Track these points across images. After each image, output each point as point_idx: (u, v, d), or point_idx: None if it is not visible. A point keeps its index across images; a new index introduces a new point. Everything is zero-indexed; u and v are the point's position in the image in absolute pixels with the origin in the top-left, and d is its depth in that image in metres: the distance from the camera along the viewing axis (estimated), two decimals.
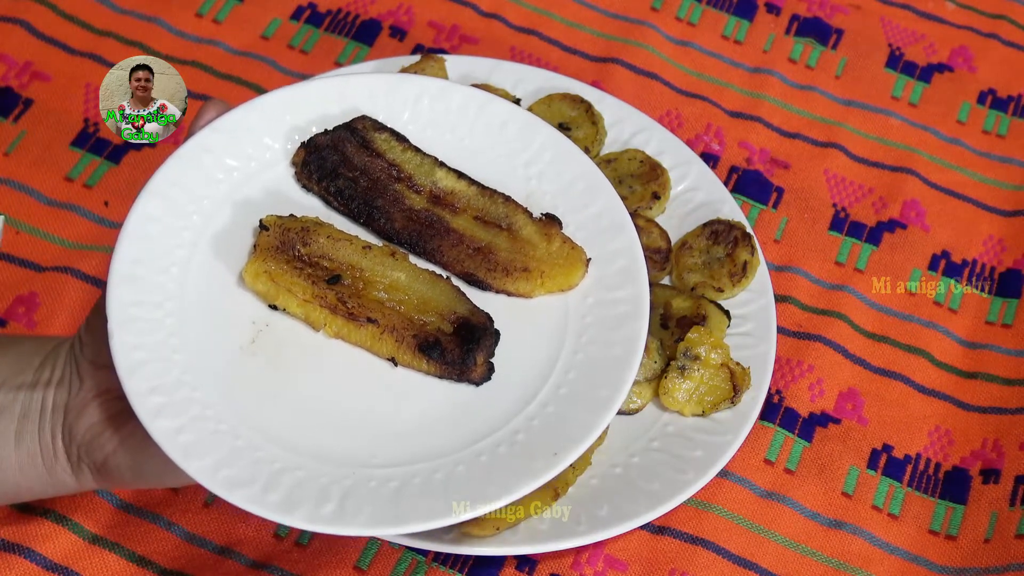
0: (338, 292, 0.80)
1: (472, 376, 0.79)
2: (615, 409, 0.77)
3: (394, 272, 0.81)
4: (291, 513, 0.71)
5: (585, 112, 1.03)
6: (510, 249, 0.84)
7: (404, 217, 0.84)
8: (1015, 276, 1.05)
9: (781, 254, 1.05)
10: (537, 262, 0.84)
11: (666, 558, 0.89)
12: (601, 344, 0.81)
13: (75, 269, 0.98)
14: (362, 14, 1.16)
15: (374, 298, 0.80)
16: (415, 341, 0.79)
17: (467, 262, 0.84)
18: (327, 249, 0.81)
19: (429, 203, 0.85)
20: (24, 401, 0.77)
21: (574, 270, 0.83)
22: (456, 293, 0.81)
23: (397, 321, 0.80)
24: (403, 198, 0.85)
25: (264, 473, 0.73)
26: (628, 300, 0.82)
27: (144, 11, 1.13)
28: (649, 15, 1.18)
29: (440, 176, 0.86)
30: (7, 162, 1.04)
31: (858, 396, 0.98)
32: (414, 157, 0.86)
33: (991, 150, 1.13)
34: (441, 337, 0.79)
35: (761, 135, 1.12)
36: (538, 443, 0.76)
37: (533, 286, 0.83)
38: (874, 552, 0.90)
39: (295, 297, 0.80)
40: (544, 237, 0.84)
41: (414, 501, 0.73)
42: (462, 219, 0.85)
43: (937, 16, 1.22)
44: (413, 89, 0.89)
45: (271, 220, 0.81)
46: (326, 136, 0.85)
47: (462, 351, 0.79)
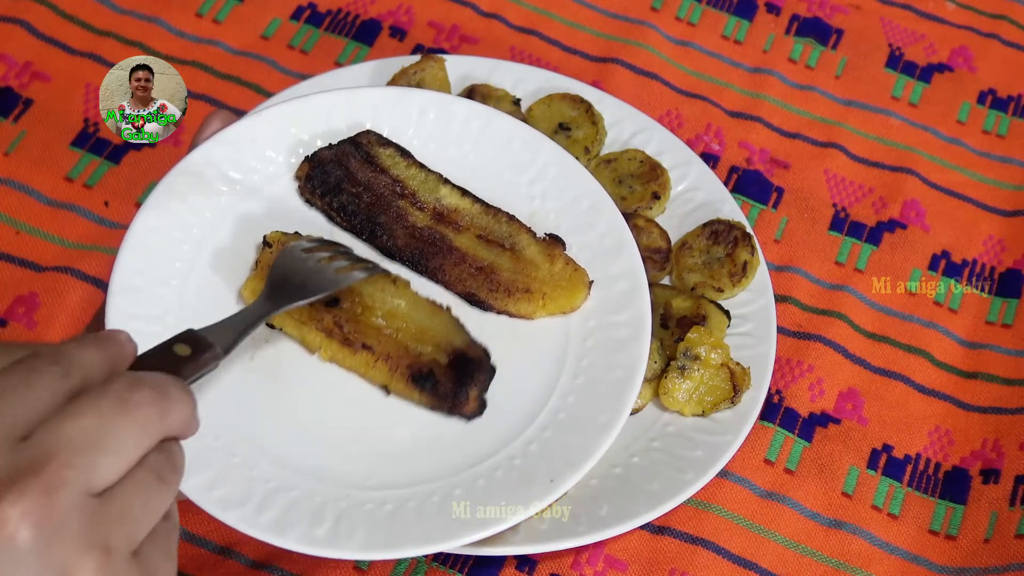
0: (335, 316, 0.79)
1: (463, 410, 0.78)
2: (614, 434, 0.77)
3: (394, 299, 0.80)
4: (284, 534, 0.71)
5: (585, 112, 1.03)
6: (512, 269, 0.83)
7: (407, 234, 0.83)
8: (1015, 276, 1.05)
9: (781, 254, 1.05)
10: (539, 283, 0.83)
11: (666, 558, 0.89)
12: (602, 368, 0.80)
13: (75, 269, 0.98)
14: (362, 14, 1.16)
15: (372, 324, 0.79)
16: (408, 371, 0.78)
17: (469, 281, 0.83)
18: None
19: (432, 220, 0.84)
20: None
21: (577, 292, 0.83)
22: (455, 325, 0.80)
23: (392, 349, 0.78)
24: (406, 215, 0.84)
25: (258, 492, 0.73)
26: (629, 323, 0.82)
27: (144, 11, 1.13)
28: (649, 15, 1.18)
29: (444, 193, 0.85)
30: (7, 162, 1.04)
31: (858, 396, 0.98)
32: (418, 173, 0.85)
33: (991, 150, 1.14)
34: (435, 368, 0.78)
35: (761, 135, 1.12)
36: (535, 468, 0.76)
37: (535, 307, 0.83)
38: (874, 552, 0.90)
39: (291, 318, 0.79)
40: (547, 258, 0.84)
41: (409, 525, 0.73)
42: (465, 237, 0.84)
43: (937, 16, 1.22)
44: (418, 102, 0.89)
45: (275, 237, 0.80)
46: (330, 151, 0.84)
47: (455, 384, 0.77)
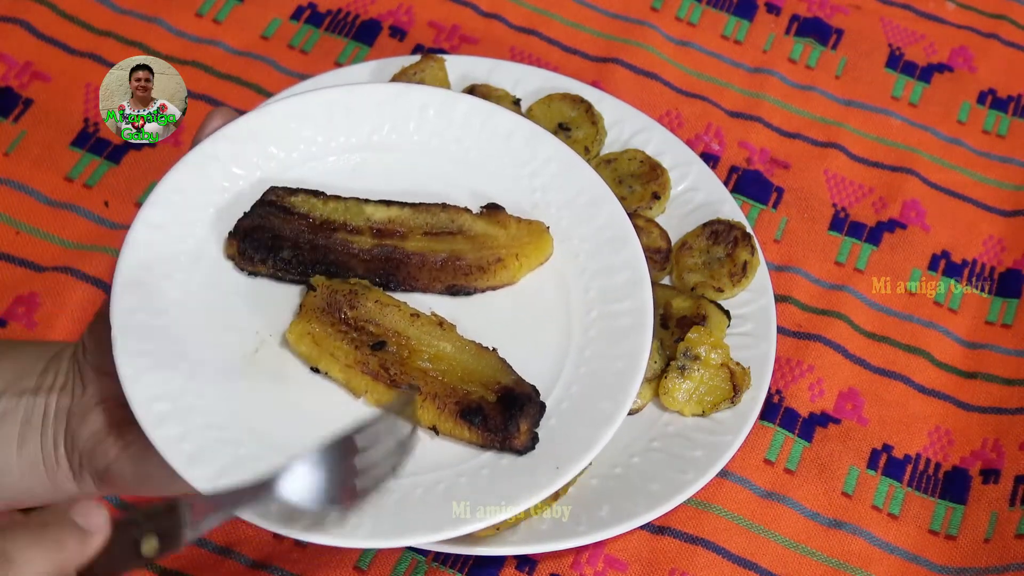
0: (381, 359, 0.79)
1: (515, 444, 0.77)
2: (618, 423, 0.77)
3: (440, 342, 0.80)
4: (292, 524, 0.71)
5: (585, 112, 1.03)
6: (473, 248, 0.84)
7: (361, 262, 0.83)
8: (1015, 276, 1.05)
9: (781, 254, 1.05)
10: (506, 249, 0.84)
11: (666, 558, 0.89)
12: (605, 357, 0.80)
13: (75, 269, 0.98)
14: (362, 14, 1.16)
15: (417, 367, 0.79)
16: (457, 407, 0.78)
17: (441, 276, 0.83)
18: (374, 314, 0.80)
19: (376, 238, 0.83)
20: (27, 407, 0.76)
21: (543, 241, 0.84)
22: (501, 364, 0.80)
23: (439, 389, 0.78)
24: (350, 244, 0.83)
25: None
26: (631, 312, 0.82)
27: (144, 11, 1.13)
28: (649, 15, 1.18)
29: (371, 211, 0.84)
30: (7, 162, 1.04)
31: (858, 396, 0.98)
32: (338, 205, 0.84)
33: (991, 150, 1.14)
34: (484, 404, 0.78)
35: (761, 135, 1.12)
36: (540, 457, 0.76)
37: (513, 271, 0.84)
38: (874, 552, 0.90)
39: (338, 362, 0.79)
40: (498, 225, 0.84)
41: (416, 514, 0.73)
42: (414, 241, 0.84)
43: (937, 16, 1.22)
44: (419, 99, 0.89)
45: (319, 281, 0.80)
46: (248, 219, 0.82)
47: (504, 418, 0.77)
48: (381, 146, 0.88)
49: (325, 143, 0.87)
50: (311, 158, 0.87)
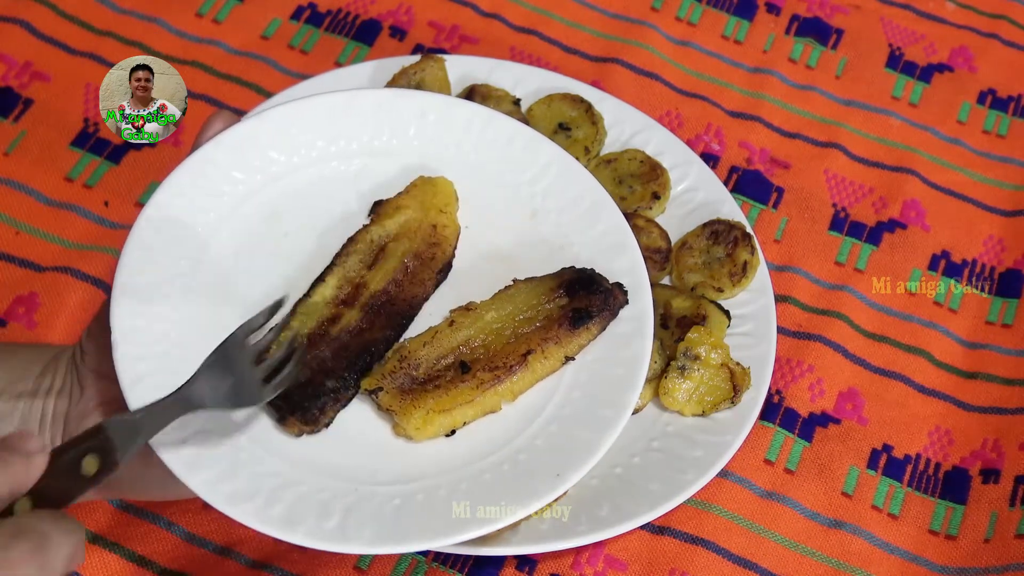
0: (475, 372, 0.80)
1: (620, 303, 0.82)
2: (619, 430, 0.77)
3: (480, 321, 0.81)
4: (293, 529, 0.71)
5: (585, 112, 1.03)
6: (409, 235, 0.85)
7: (369, 326, 0.81)
8: (1015, 276, 1.05)
9: (781, 254, 1.05)
10: (426, 213, 0.85)
11: (666, 558, 0.89)
12: (606, 363, 0.81)
13: (75, 269, 0.98)
14: (362, 14, 1.16)
15: (498, 348, 0.81)
16: (567, 321, 0.81)
17: (420, 278, 0.84)
18: (430, 354, 0.80)
19: (360, 305, 0.82)
20: (24, 410, 0.76)
21: (436, 184, 0.86)
22: (534, 283, 0.83)
23: (537, 334, 0.81)
24: (346, 326, 0.81)
25: (266, 487, 0.73)
26: (632, 319, 0.82)
27: (144, 11, 1.13)
28: (649, 15, 1.18)
29: (328, 290, 0.82)
30: (7, 162, 1.04)
31: (858, 396, 0.98)
32: (301, 309, 0.81)
33: (991, 150, 1.14)
34: (576, 304, 0.81)
35: (761, 135, 1.12)
36: (541, 463, 0.76)
37: (448, 221, 0.85)
38: (874, 552, 0.90)
39: (460, 406, 0.79)
40: (399, 210, 0.85)
41: (417, 519, 0.73)
42: (375, 279, 0.83)
43: (937, 16, 1.22)
44: (419, 104, 0.89)
45: (372, 384, 0.79)
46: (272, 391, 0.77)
47: (594, 295, 0.81)
48: (381, 151, 0.88)
49: (325, 148, 0.87)
50: (311, 163, 0.87)
